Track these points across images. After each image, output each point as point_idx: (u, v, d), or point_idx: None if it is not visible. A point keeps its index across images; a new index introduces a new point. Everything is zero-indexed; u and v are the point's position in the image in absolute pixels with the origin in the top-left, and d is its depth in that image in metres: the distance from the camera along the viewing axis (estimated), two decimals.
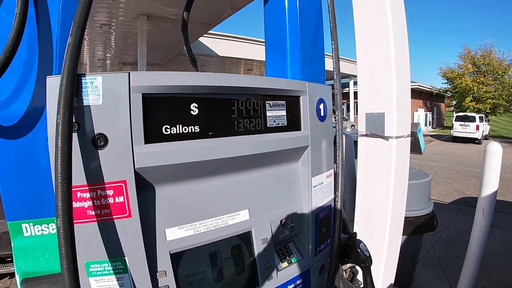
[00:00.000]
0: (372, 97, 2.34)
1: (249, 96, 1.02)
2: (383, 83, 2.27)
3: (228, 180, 1.04)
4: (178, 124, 0.92)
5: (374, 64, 2.32)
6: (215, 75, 0.94)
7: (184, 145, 0.92)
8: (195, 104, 0.94)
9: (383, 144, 2.34)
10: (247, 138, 1.02)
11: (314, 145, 1.22)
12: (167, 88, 0.90)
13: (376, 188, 2.40)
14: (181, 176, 0.97)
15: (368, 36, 2.29)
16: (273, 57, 1.51)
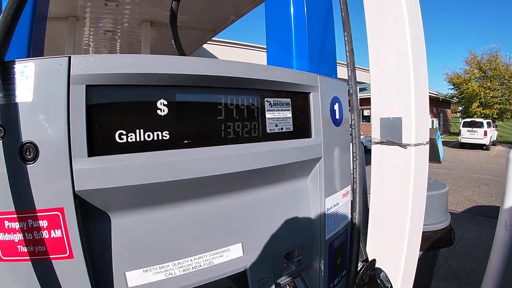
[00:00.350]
0: (387, 100, 2.07)
1: (241, 91, 0.74)
2: (399, 82, 2.01)
3: (213, 205, 0.76)
4: (138, 129, 0.65)
5: (389, 60, 2.06)
6: (193, 59, 0.67)
7: (147, 158, 0.65)
8: (164, 100, 0.66)
9: (400, 153, 2.07)
10: (239, 149, 0.74)
11: (328, 156, 0.94)
12: (123, 77, 0.63)
13: (392, 200, 2.14)
14: (146, 201, 0.70)
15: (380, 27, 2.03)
16: (275, 49, 1.24)
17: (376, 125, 2.18)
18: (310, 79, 0.87)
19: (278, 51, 1.24)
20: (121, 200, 0.68)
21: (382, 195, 2.16)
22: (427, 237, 3.22)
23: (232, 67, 0.70)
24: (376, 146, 2.20)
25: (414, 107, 2.04)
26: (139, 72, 0.64)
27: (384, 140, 2.17)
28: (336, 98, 1.00)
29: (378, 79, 2.17)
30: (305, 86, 0.86)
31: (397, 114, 2.11)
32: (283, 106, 0.82)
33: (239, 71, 0.71)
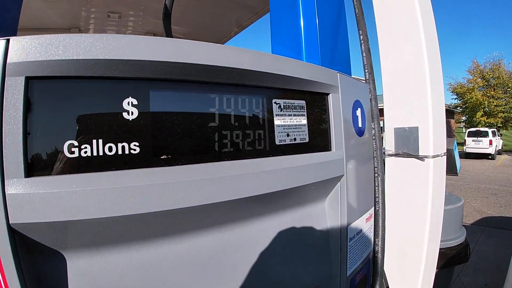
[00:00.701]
0: (402, 108, 1.89)
1: (242, 88, 0.55)
2: (415, 88, 1.84)
3: (205, 242, 0.55)
4: (96, 139, 0.46)
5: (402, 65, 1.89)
6: (175, 41, 0.48)
7: (107, 181, 0.46)
8: (133, 99, 0.47)
9: (417, 165, 1.88)
10: (239, 167, 0.53)
11: (351, 173, 0.75)
12: (75, 65, 0.45)
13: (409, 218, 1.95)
14: (112, 239, 0.50)
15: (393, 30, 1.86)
16: (281, 48, 1.06)
17: (390, 136, 1.98)
18: (330, 77, 0.68)
19: (284, 50, 1.05)
20: (77, 237, 0.49)
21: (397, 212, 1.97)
22: (442, 254, 3.01)
23: (229, 55, 0.51)
24: (390, 158, 2.00)
25: (431, 115, 1.85)
26: (99, 58, 0.45)
27: (399, 152, 1.97)
28: (358, 102, 0.81)
29: (391, 86, 1.99)
30: (323, 85, 0.66)
31: (413, 124, 1.92)
32: (297, 110, 0.62)
33: (238, 60, 0.51)
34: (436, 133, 1.83)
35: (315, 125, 0.66)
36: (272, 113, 0.59)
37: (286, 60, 0.58)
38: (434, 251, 1.98)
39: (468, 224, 6.75)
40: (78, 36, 0.46)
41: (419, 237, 1.88)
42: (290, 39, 1.02)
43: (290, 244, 0.67)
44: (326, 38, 1.07)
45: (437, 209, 1.90)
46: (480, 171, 14.09)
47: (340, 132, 0.70)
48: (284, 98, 0.60)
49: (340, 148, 0.70)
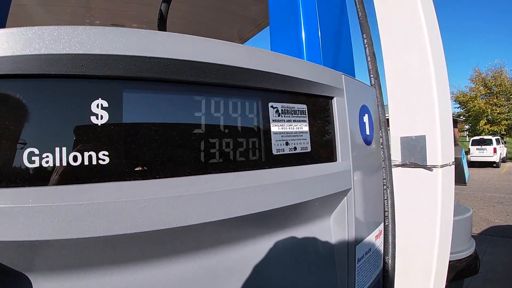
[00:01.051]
0: (408, 116, 1.81)
1: (232, 90, 0.48)
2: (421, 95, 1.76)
3: (187, 268, 0.47)
4: (59, 147, 0.38)
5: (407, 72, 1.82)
6: (152, 33, 0.40)
7: (71, 196, 0.38)
8: (103, 101, 0.40)
9: (425, 176, 1.79)
10: (229, 180, 0.45)
11: (359, 186, 0.66)
12: (37, 61, 0.38)
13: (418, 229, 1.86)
14: (81, 262, 0.42)
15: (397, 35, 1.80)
16: (281, 41, 0.99)
17: (396, 146, 1.90)
18: (334, 78, 0.60)
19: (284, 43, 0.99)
20: (41, 258, 0.41)
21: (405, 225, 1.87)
22: (452, 267, 2.90)
23: (217, 50, 0.43)
24: (397, 169, 1.91)
25: (439, 123, 1.76)
26: (61, 53, 0.38)
27: (406, 162, 1.88)
28: (365, 108, 0.73)
29: (396, 93, 1.91)
30: (326, 88, 0.59)
31: (420, 132, 1.83)
32: (297, 115, 0.54)
33: (229, 57, 0.44)
34: (444, 142, 1.74)
35: (318, 133, 0.58)
36: (269, 118, 0.51)
37: (285, 58, 0.51)
38: (444, 264, 1.88)
39: (475, 234, 6.60)
40: (37, 29, 0.39)
41: (429, 251, 1.78)
42: (290, 45, 0.96)
43: (289, 268, 0.58)
44: (328, 44, 1.00)
45: (446, 221, 1.80)
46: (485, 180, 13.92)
47: (347, 141, 0.62)
48: (283, 101, 0.52)
49: (346, 158, 0.62)
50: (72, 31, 0.39)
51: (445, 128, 1.75)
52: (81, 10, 2.09)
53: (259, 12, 2.23)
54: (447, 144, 1.77)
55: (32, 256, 0.40)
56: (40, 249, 0.39)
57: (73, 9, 2.05)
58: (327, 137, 0.59)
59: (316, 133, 0.57)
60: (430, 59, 1.72)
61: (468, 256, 3.02)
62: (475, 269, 3.03)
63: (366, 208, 0.71)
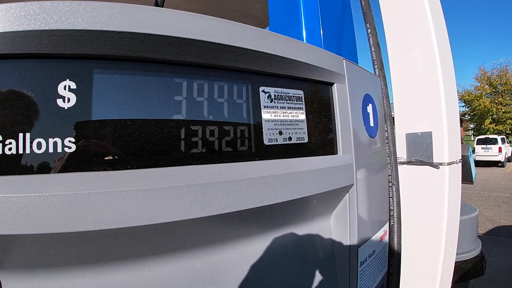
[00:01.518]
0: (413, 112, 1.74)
1: (218, 71, 0.42)
2: (427, 90, 1.69)
3: (167, 270, 0.42)
4: (22, 133, 0.34)
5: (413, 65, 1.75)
6: (126, 6, 0.35)
7: (32, 186, 0.33)
8: (70, 82, 0.35)
9: (431, 173, 1.72)
10: (213, 173, 0.40)
11: (363, 182, 0.60)
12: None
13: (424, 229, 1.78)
14: (48, 261, 0.37)
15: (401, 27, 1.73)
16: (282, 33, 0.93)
17: (401, 142, 1.82)
18: (334, 62, 0.54)
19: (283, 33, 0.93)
20: (6, 255, 0.36)
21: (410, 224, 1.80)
22: (458, 268, 2.82)
23: (199, 25, 0.37)
24: (402, 166, 1.84)
25: (446, 119, 1.68)
26: (25, 29, 0.33)
27: (412, 159, 1.80)
28: (369, 97, 0.67)
29: (401, 88, 1.83)
30: (325, 72, 0.53)
31: (426, 129, 1.75)
32: (292, 102, 0.49)
33: (213, 32, 0.38)
34: (451, 139, 1.67)
35: (317, 122, 0.52)
36: (259, 104, 0.45)
37: (278, 36, 0.45)
38: (450, 265, 1.80)
39: (480, 234, 6.48)
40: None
41: (434, 252, 1.70)
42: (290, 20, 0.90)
43: (285, 272, 0.52)
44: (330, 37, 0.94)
45: (453, 220, 1.73)
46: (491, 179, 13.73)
47: (349, 132, 0.56)
48: (276, 85, 0.47)
49: (348, 151, 0.56)
50: (38, 6, 0.33)
51: (452, 124, 1.68)
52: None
53: (262, 10, 2.18)
54: (454, 141, 1.70)
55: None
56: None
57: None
58: (326, 127, 0.53)
59: (314, 122, 0.51)
60: (437, 53, 1.65)
61: (474, 257, 2.93)
62: (481, 270, 2.95)
63: (370, 206, 0.65)
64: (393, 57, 1.84)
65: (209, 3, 2.16)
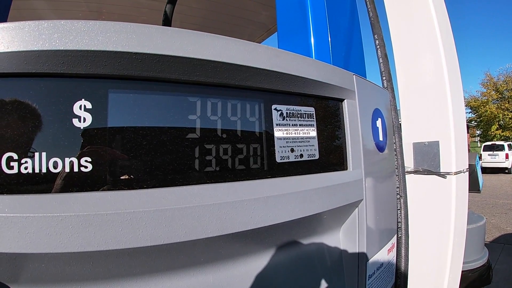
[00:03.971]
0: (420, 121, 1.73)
1: (231, 90, 0.42)
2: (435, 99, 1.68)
3: (182, 285, 0.42)
4: (40, 152, 0.34)
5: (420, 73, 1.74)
6: (140, 27, 0.35)
7: (49, 206, 0.33)
8: (86, 102, 0.35)
9: (438, 183, 1.70)
10: (227, 191, 0.40)
11: (372, 197, 0.59)
12: (15, 59, 0.34)
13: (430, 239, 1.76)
14: (65, 276, 0.37)
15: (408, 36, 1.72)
16: (289, 45, 0.93)
17: (408, 151, 1.81)
18: (344, 79, 0.54)
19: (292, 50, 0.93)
20: (18, 271, 0.36)
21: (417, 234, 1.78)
22: (464, 277, 2.77)
23: (213, 46, 0.38)
24: (409, 176, 1.82)
25: (453, 128, 1.67)
26: (41, 49, 0.34)
27: (419, 169, 1.78)
28: (378, 112, 0.67)
29: (408, 97, 1.83)
30: (336, 89, 0.53)
31: (433, 138, 1.74)
32: (304, 119, 0.49)
33: (227, 53, 0.38)
34: (458, 148, 1.65)
35: (327, 138, 0.52)
36: (272, 122, 0.45)
37: (289, 55, 0.45)
38: (456, 274, 1.78)
39: (487, 242, 6.37)
40: (14, 24, 0.34)
41: (441, 261, 1.68)
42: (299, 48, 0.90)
43: (294, 287, 0.52)
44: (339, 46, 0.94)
45: (460, 230, 1.71)
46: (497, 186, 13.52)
47: (358, 147, 0.56)
48: (288, 103, 0.47)
49: (358, 166, 0.55)
50: (52, 25, 0.34)
51: (459, 133, 1.66)
52: (93, 15, 2.09)
53: (269, 17, 2.20)
54: (461, 150, 1.68)
55: (7, 268, 0.35)
56: (16, 261, 0.35)
57: (85, 13, 2.05)
58: (337, 143, 0.53)
59: (325, 139, 0.51)
60: (444, 62, 1.64)
61: (481, 266, 2.88)
62: (487, 279, 2.89)
63: (379, 220, 0.64)
64: (399, 65, 1.84)
65: (217, 11, 2.18)
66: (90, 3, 1.97)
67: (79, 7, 1.97)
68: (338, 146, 0.53)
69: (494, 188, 13.22)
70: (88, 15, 2.07)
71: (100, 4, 1.99)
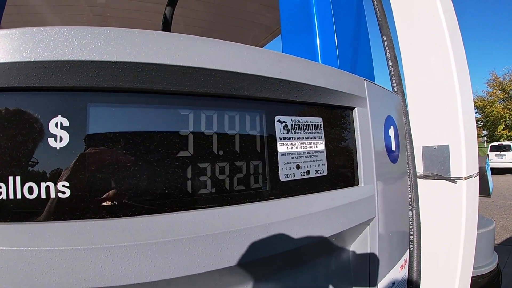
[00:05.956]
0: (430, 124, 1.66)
1: (228, 100, 0.37)
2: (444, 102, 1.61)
3: None
4: (13, 175, 0.30)
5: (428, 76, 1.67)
6: (122, 32, 0.30)
7: (22, 238, 0.28)
8: (63, 118, 0.30)
9: (448, 188, 1.63)
10: (224, 218, 0.34)
11: (385, 213, 0.54)
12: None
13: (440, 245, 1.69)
14: None
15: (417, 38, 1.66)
16: (293, 46, 0.88)
17: (417, 156, 1.73)
18: (355, 85, 0.49)
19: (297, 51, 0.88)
20: None
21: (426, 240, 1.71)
22: (473, 283, 2.68)
23: (204, 51, 0.33)
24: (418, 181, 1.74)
25: (463, 132, 1.59)
26: (10, 61, 0.29)
27: (429, 173, 1.71)
28: (390, 119, 0.61)
29: (417, 100, 1.76)
30: (346, 96, 0.47)
31: (443, 142, 1.67)
32: (311, 131, 0.43)
33: (219, 60, 0.33)
34: (468, 152, 1.58)
35: (337, 152, 0.46)
36: (275, 135, 0.39)
37: (295, 60, 0.39)
38: (466, 282, 1.71)
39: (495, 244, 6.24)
40: None
41: (451, 267, 1.61)
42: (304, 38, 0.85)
43: None
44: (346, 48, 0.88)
45: (470, 235, 1.63)
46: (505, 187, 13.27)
47: (370, 160, 0.50)
48: (293, 114, 0.41)
49: (370, 181, 0.49)
50: (22, 34, 0.29)
51: (470, 136, 1.59)
52: (97, 18, 2.06)
53: (273, 19, 2.15)
54: (472, 154, 1.61)
55: None
56: None
57: (89, 17, 2.03)
58: (347, 156, 0.48)
59: (333, 152, 0.46)
60: (453, 63, 1.57)
61: (491, 271, 2.80)
62: (497, 284, 2.81)
63: (391, 237, 0.59)
64: (407, 67, 1.77)
65: (220, 14, 2.14)
66: (94, 7, 1.95)
67: (83, 11, 1.94)
68: (349, 159, 0.48)
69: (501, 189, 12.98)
70: (92, 19, 2.05)
71: (104, 8, 1.96)
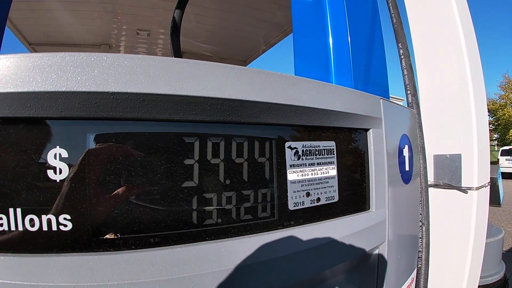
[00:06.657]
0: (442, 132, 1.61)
1: (235, 126, 0.35)
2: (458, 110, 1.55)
3: None
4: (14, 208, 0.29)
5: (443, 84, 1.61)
6: (120, 58, 0.28)
7: (25, 271, 0.27)
8: (62, 150, 0.28)
9: (458, 198, 1.58)
10: (231, 252, 0.33)
11: (395, 236, 0.52)
12: None
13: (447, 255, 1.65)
14: None
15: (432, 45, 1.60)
16: (304, 64, 0.85)
17: (428, 164, 1.68)
18: (371, 105, 0.46)
19: (308, 67, 0.85)
20: None
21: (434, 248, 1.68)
22: None
23: (212, 78, 0.30)
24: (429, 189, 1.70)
25: (476, 141, 1.54)
26: (5, 91, 0.27)
27: (440, 183, 1.66)
28: (405, 138, 0.58)
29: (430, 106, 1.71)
30: (362, 118, 0.44)
31: (455, 151, 1.61)
32: (322, 157, 0.41)
33: (229, 88, 0.31)
34: (481, 161, 1.52)
35: (349, 176, 0.44)
36: (284, 162, 0.37)
37: (309, 83, 0.37)
38: None
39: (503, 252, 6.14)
40: None
41: (457, 278, 1.58)
42: (316, 51, 0.82)
43: None
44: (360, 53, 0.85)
45: (478, 246, 1.59)
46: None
47: (383, 183, 0.48)
48: (303, 139, 0.39)
49: (382, 205, 0.47)
50: (13, 61, 0.27)
51: (483, 145, 1.54)
52: (108, 15, 2.06)
53: (285, 18, 2.12)
54: (484, 164, 1.56)
55: None
56: None
57: (100, 14, 2.03)
58: (359, 180, 0.45)
59: (345, 177, 0.43)
60: (468, 70, 1.51)
61: (497, 280, 2.75)
62: None
63: (400, 259, 0.56)
64: (420, 73, 1.72)
65: (232, 11, 2.11)
66: (105, 4, 1.94)
67: (94, 7, 1.94)
68: (361, 184, 0.45)
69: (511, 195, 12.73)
70: (104, 16, 2.05)
71: (115, 5, 1.96)
